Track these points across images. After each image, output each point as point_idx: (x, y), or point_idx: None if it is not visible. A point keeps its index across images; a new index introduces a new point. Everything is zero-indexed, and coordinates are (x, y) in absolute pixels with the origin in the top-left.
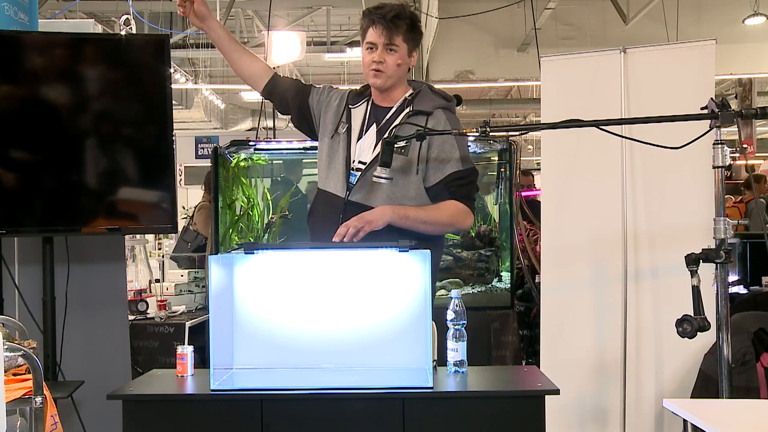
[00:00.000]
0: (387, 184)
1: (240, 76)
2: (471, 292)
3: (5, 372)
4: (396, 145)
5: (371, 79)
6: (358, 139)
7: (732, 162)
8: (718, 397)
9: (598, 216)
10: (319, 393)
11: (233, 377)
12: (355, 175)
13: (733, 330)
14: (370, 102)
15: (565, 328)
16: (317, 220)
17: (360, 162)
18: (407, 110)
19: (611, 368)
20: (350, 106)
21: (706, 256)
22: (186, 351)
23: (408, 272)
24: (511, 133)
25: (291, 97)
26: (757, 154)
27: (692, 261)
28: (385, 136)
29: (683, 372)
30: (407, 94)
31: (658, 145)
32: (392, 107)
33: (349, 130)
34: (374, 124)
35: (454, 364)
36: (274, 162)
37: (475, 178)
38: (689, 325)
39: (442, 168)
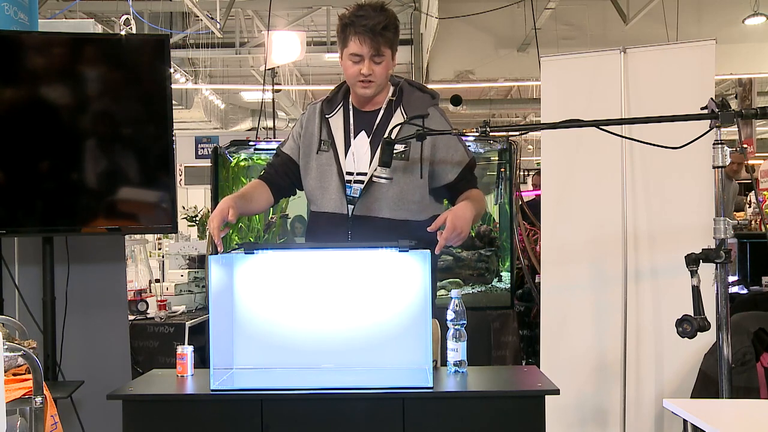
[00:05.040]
0: (390, 191)
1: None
2: (471, 292)
3: (5, 372)
4: (394, 150)
5: (360, 90)
6: (346, 150)
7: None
8: (718, 397)
9: (598, 216)
10: (319, 393)
11: (233, 377)
12: (351, 187)
13: (733, 330)
14: (349, 108)
15: (565, 328)
16: (320, 241)
17: (359, 174)
18: (397, 112)
19: (611, 368)
20: (326, 116)
21: (706, 256)
22: (186, 351)
23: (408, 272)
24: (511, 133)
25: (288, 174)
26: (757, 154)
27: (692, 261)
28: (385, 136)
29: (683, 372)
30: (390, 95)
31: (658, 145)
32: (378, 110)
33: (333, 144)
34: (362, 131)
35: (454, 364)
36: None
37: (475, 163)
38: (689, 325)
39: (454, 167)
